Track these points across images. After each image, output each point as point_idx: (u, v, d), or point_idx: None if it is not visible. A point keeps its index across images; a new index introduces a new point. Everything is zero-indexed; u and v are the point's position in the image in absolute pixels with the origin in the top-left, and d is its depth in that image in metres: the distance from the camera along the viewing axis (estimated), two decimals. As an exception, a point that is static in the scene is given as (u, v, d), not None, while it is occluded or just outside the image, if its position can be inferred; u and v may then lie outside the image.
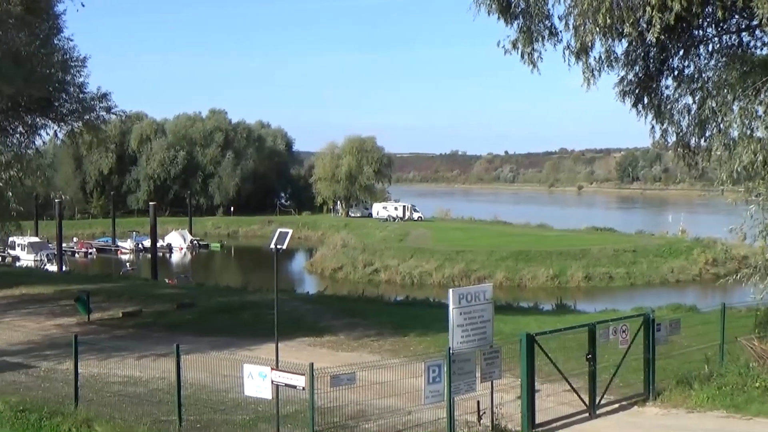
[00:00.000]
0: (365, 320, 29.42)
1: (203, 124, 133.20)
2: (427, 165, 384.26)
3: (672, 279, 68.12)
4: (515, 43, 20.10)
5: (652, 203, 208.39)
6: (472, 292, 15.13)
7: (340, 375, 13.54)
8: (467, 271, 67.54)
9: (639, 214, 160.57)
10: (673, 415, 17.04)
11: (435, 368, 14.36)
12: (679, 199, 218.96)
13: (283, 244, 14.43)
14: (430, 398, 14.42)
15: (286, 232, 14.51)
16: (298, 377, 13.51)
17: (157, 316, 30.47)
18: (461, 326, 14.79)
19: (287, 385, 13.76)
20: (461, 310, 14.77)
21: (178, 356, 15.83)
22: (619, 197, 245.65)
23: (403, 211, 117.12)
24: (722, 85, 18.48)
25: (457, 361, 14.63)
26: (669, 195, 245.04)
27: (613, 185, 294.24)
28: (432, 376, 14.27)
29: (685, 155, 20.95)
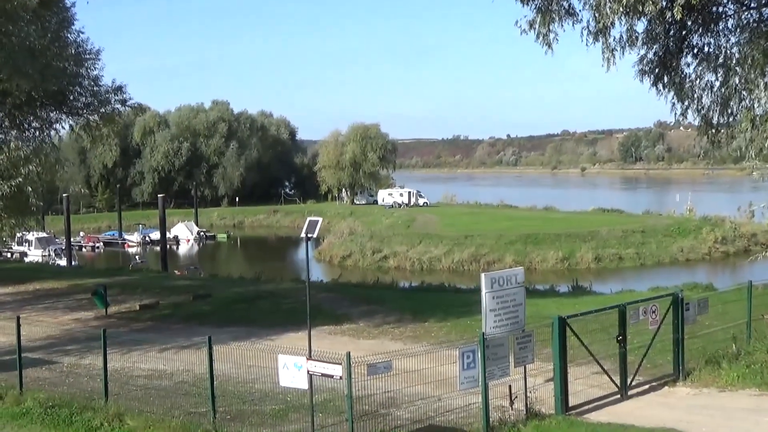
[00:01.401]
0: (383, 307, 29.35)
1: (206, 115, 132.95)
2: (429, 150, 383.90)
3: (682, 258, 67.87)
4: (532, 23, 19.92)
5: (657, 183, 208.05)
6: (504, 276, 15.01)
7: (377, 364, 13.44)
8: (476, 256, 67.34)
9: (644, 194, 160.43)
10: (705, 394, 16.94)
11: (469, 354, 14.24)
12: (683, 178, 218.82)
13: (314, 233, 14.32)
14: (465, 384, 14.31)
15: (316, 221, 14.39)
16: (335, 366, 13.40)
17: (174, 308, 30.42)
18: (494, 311, 14.67)
19: (323, 374, 13.66)
20: (494, 294, 14.66)
21: (210, 348, 15.77)
22: (622, 178, 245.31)
23: (408, 197, 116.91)
24: (746, 61, 18.28)
25: (491, 346, 14.52)
26: (673, 174, 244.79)
27: (616, 166, 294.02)
28: (466, 362, 14.16)
29: (708, 133, 20.76)
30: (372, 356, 14.74)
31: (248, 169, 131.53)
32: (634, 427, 14.34)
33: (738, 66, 19.37)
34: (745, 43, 19.42)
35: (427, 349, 16.39)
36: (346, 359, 13.29)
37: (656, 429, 14.02)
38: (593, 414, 15.75)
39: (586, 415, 15.69)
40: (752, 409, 15.34)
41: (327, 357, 14.48)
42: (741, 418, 14.72)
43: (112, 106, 23.44)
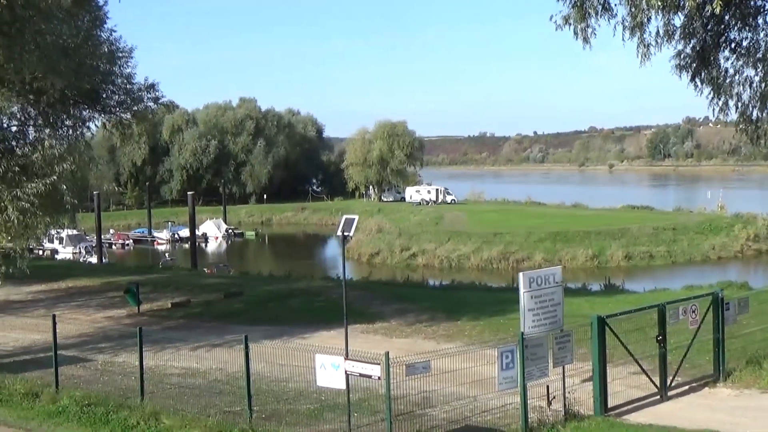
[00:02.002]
0: (414, 305, 29.22)
1: (234, 113, 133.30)
2: (455, 148, 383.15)
3: (713, 256, 67.11)
4: (567, 18, 19.72)
5: (686, 180, 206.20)
6: (542, 275, 14.82)
7: (416, 364, 13.30)
8: (505, 254, 66.96)
9: (673, 191, 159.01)
10: (747, 396, 16.65)
11: (508, 354, 14.07)
12: (712, 174, 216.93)
13: (350, 231, 14.15)
14: (504, 385, 14.15)
15: (352, 218, 14.24)
16: (374, 366, 13.28)
17: (206, 306, 30.47)
18: (532, 310, 14.49)
19: (362, 375, 13.54)
20: (532, 293, 14.47)
21: (246, 346, 15.68)
22: (651, 174, 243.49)
23: (436, 194, 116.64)
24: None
25: (530, 346, 14.34)
26: (702, 171, 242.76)
27: (645, 163, 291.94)
28: (505, 362, 14.00)
29: (748, 129, 20.41)
30: (407, 355, 14.61)
31: (276, 166, 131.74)
32: (676, 428, 14.11)
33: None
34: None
35: (463, 349, 16.18)
36: (384, 359, 13.16)
37: (700, 431, 13.76)
38: (632, 415, 15.53)
39: (625, 416, 15.47)
40: (798, 411, 15.05)
41: (364, 357, 14.36)
42: (786, 420, 14.44)
43: (145, 104, 23.48)
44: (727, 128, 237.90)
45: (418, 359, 13.68)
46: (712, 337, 17.66)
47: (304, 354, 16.47)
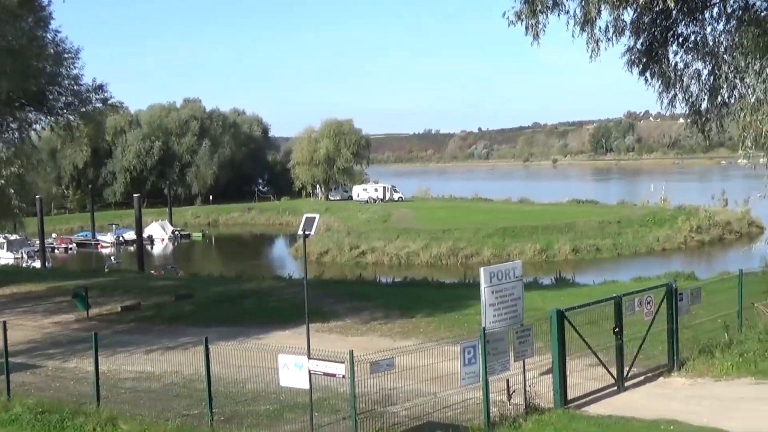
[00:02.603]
0: (368, 303, 29.20)
1: (178, 114, 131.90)
2: (400, 145, 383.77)
3: (658, 248, 68.30)
4: (519, 14, 19.89)
5: (628, 173, 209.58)
6: (502, 270, 14.87)
7: (380, 361, 13.23)
8: (455, 250, 67.31)
9: (616, 184, 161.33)
10: (701, 384, 16.91)
11: (470, 349, 14.08)
12: (653, 167, 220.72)
13: (312, 230, 14.02)
14: (467, 380, 14.16)
15: (313, 218, 14.11)
16: (338, 365, 13.18)
17: (157, 309, 30.01)
18: (493, 305, 14.53)
19: (326, 374, 13.43)
20: (492, 288, 14.51)
21: (207, 349, 15.50)
22: (594, 169, 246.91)
23: (383, 192, 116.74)
24: (737, 49, 18.28)
25: (491, 341, 14.37)
26: (643, 164, 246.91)
27: (587, 157, 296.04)
28: (467, 358, 14.00)
29: (697, 121, 20.78)
30: (364, 353, 14.54)
31: (221, 167, 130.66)
32: (636, 419, 14.25)
33: (727, 54, 19.41)
34: (734, 30, 19.47)
35: (424, 346, 16.14)
36: (349, 357, 13.07)
37: (659, 421, 13.92)
38: (592, 407, 15.66)
39: (584, 408, 15.59)
40: (750, 398, 15.31)
41: (324, 355, 14.25)
42: (740, 408, 14.68)
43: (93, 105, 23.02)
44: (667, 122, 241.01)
45: (382, 357, 13.59)
46: (666, 327, 17.89)
47: (262, 354, 16.31)
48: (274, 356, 15.56)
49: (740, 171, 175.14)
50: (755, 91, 17.31)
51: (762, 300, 20.87)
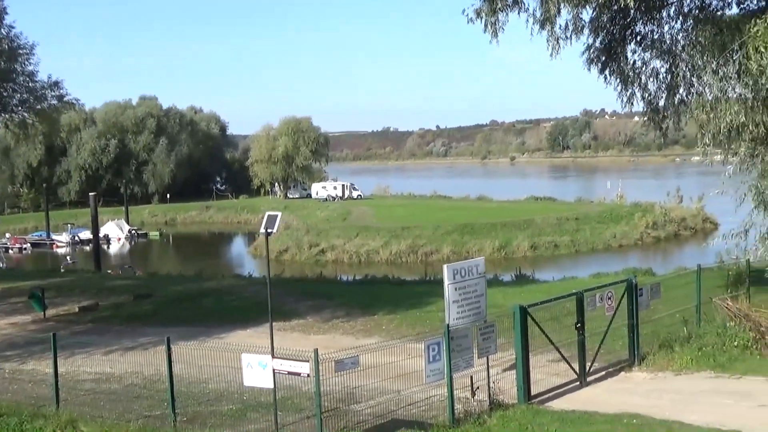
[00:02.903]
0: (329, 301, 29.12)
1: (134, 112, 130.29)
2: (359, 143, 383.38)
3: (615, 244, 68.99)
4: (479, 11, 19.99)
5: (584, 170, 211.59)
6: (465, 267, 14.90)
7: (345, 360, 13.16)
8: (414, 247, 67.40)
9: (573, 181, 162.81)
10: (661, 378, 17.11)
11: (434, 346, 14.08)
12: (609, 165, 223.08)
13: (274, 228, 13.91)
14: (432, 377, 14.16)
15: (275, 215, 14.01)
16: (303, 364, 13.09)
17: (115, 309, 29.60)
18: (456, 302, 14.55)
19: (290, 373, 13.33)
20: (456, 285, 14.52)
21: (169, 349, 15.23)
22: (551, 166, 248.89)
23: (342, 190, 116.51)
24: (694, 47, 18.52)
25: (455, 337, 14.38)
26: (599, 162, 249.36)
27: (544, 155, 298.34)
28: (432, 355, 14.00)
29: (654, 119, 21.02)
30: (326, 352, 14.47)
31: (179, 165, 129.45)
32: (598, 413, 14.37)
33: (684, 52, 19.65)
34: (691, 29, 19.73)
35: (388, 344, 16.13)
36: (314, 356, 12.99)
37: (621, 415, 14.05)
38: (555, 402, 15.77)
39: (548, 403, 15.69)
40: (711, 392, 15.53)
41: (290, 354, 14.14)
42: (701, 401, 14.87)
43: (49, 102, 22.60)
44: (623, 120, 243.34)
45: (346, 355, 13.53)
46: (627, 322, 18.08)
47: (224, 354, 16.15)
48: (236, 355, 15.43)
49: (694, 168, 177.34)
50: (712, 89, 17.53)
51: (718, 294, 21.16)
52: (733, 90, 17.18)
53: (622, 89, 21.31)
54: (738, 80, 17.12)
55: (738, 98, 16.69)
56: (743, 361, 17.45)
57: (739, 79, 16.55)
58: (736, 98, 16.83)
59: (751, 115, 16.65)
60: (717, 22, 18.54)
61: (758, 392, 15.08)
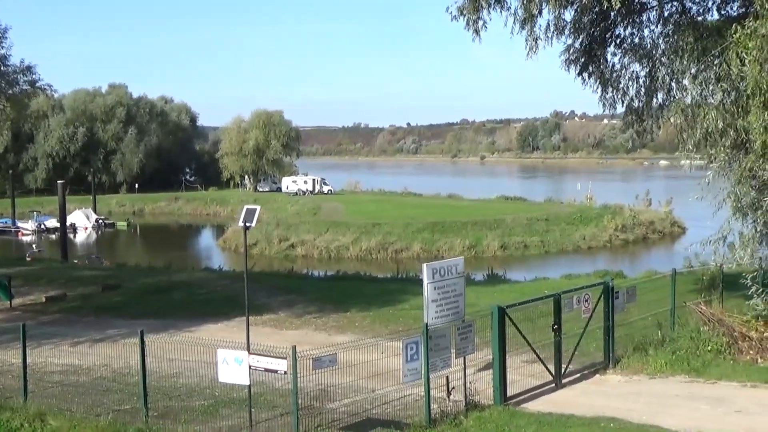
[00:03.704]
0: (302, 297, 28.91)
1: (103, 100, 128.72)
2: (329, 138, 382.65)
3: (584, 246, 69.26)
4: (462, 9, 19.91)
5: (554, 171, 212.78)
6: (445, 266, 14.78)
7: (323, 357, 12.98)
8: (384, 244, 67.23)
9: (543, 182, 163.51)
10: (636, 381, 17.12)
11: (413, 345, 13.94)
12: (578, 167, 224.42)
13: (252, 222, 13.68)
14: (409, 377, 14.02)
15: (254, 209, 13.76)
16: (280, 361, 12.89)
17: (83, 300, 29.17)
18: (435, 301, 14.42)
19: (267, 369, 13.12)
20: (435, 284, 14.39)
21: (142, 342, 14.97)
22: (520, 166, 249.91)
23: (312, 184, 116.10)
24: (675, 52, 18.54)
25: (434, 337, 14.26)
26: (568, 163, 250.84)
27: (514, 155, 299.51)
28: (410, 354, 13.86)
29: (634, 122, 21.04)
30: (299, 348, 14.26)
31: (148, 155, 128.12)
32: (575, 416, 14.32)
33: (664, 56, 19.67)
34: (671, 33, 19.74)
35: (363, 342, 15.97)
36: (291, 353, 12.79)
37: (599, 418, 14.02)
38: (531, 403, 15.71)
39: (523, 404, 15.64)
40: (686, 396, 15.55)
41: (263, 350, 13.93)
42: (677, 405, 14.88)
43: (21, 87, 22.12)
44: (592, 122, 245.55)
45: (324, 353, 13.35)
46: (603, 325, 18.08)
47: (195, 348, 15.91)
48: (207, 350, 15.24)
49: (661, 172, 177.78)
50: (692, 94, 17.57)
51: (690, 299, 21.23)
52: (711, 96, 17.21)
53: (601, 91, 21.29)
54: (717, 85, 17.16)
55: (718, 104, 16.70)
56: (717, 366, 17.49)
57: (719, 85, 16.58)
58: (716, 104, 16.85)
59: (730, 121, 16.66)
60: (698, 27, 18.57)
61: (734, 398, 15.13)
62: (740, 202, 16.68)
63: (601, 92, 21.39)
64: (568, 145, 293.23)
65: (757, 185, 16.14)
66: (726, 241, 17.59)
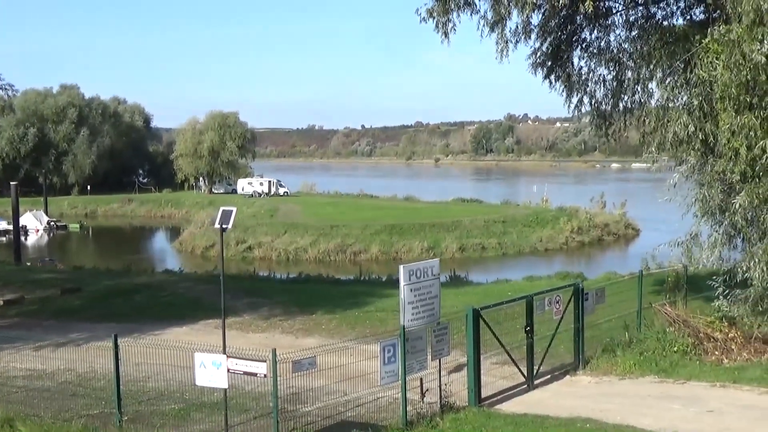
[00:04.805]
0: (266, 299, 28.78)
1: (55, 100, 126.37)
2: (284, 140, 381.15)
3: (541, 248, 69.68)
4: (431, 11, 19.94)
5: (507, 174, 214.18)
6: (421, 268, 14.73)
7: (302, 360, 12.88)
8: (343, 246, 67.01)
9: (498, 184, 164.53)
10: (607, 383, 17.26)
11: (390, 348, 13.90)
12: (531, 169, 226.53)
13: (229, 224, 13.52)
14: (386, 379, 13.98)
15: (230, 210, 13.61)
16: (260, 364, 12.74)
17: (42, 303, 28.70)
18: (411, 303, 14.38)
19: (246, 373, 12.97)
20: (411, 286, 14.35)
21: (116, 346, 14.76)
22: (474, 168, 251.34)
23: (269, 186, 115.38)
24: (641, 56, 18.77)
25: (410, 339, 14.24)
26: (522, 166, 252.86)
27: (468, 157, 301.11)
28: (387, 356, 13.82)
29: (601, 125, 21.24)
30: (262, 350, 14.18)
31: (100, 156, 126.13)
32: (551, 417, 14.39)
33: (631, 61, 19.90)
34: (637, 38, 19.99)
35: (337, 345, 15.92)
36: (272, 356, 12.67)
37: (575, 419, 14.10)
38: (504, 405, 15.76)
39: (497, 406, 15.68)
40: (658, 396, 15.70)
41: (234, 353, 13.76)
42: (651, 406, 15.02)
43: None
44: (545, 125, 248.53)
45: (302, 356, 13.26)
46: (573, 326, 18.22)
47: (161, 351, 15.74)
48: (174, 353, 15.10)
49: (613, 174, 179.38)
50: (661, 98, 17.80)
51: (653, 300, 21.49)
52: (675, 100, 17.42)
53: (567, 94, 21.46)
54: (685, 90, 17.39)
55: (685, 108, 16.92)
56: (684, 367, 17.70)
57: (688, 89, 16.81)
58: (682, 107, 17.06)
59: (699, 125, 16.89)
60: (664, 32, 18.81)
61: (705, 398, 15.32)
62: (708, 205, 16.90)
63: (567, 96, 21.54)
64: (521, 148, 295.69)
65: (726, 188, 16.36)
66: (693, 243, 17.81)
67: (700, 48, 16.13)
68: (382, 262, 63.29)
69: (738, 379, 16.33)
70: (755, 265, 15.91)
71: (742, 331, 18.94)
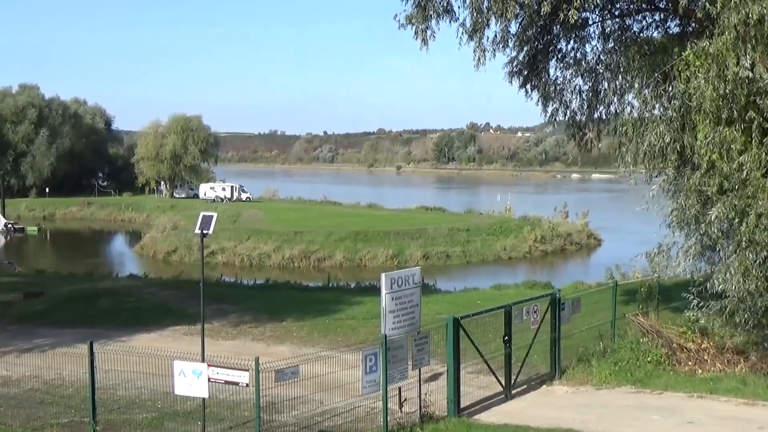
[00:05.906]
0: (235, 306, 28.42)
1: (14, 100, 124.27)
2: (245, 145, 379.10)
3: (505, 257, 69.92)
4: (410, 18, 19.84)
5: (469, 182, 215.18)
6: (402, 276, 14.61)
7: (285, 369, 12.66)
8: (307, 252, 66.68)
9: (460, 193, 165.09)
10: (583, 393, 17.25)
11: (372, 357, 13.73)
12: (493, 178, 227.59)
13: (209, 229, 13.28)
14: (368, 388, 13.82)
15: (210, 216, 13.38)
16: (242, 373, 12.50)
17: (4, 307, 28.01)
18: (393, 312, 14.23)
19: (227, 382, 12.72)
20: (393, 294, 14.21)
21: (92, 353, 14.43)
22: (436, 177, 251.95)
23: (231, 191, 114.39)
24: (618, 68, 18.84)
25: (392, 348, 14.08)
26: (483, 174, 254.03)
27: (430, 165, 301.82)
28: (369, 366, 13.65)
29: (575, 135, 21.29)
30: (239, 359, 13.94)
31: (59, 158, 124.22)
32: (531, 428, 14.33)
33: (608, 72, 19.97)
34: (613, 50, 20.07)
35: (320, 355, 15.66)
36: (254, 365, 12.44)
37: (555, 429, 14.06)
38: (483, 415, 15.67)
39: (476, 416, 15.59)
40: (637, 407, 15.71)
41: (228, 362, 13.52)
42: (630, 416, 15.02)
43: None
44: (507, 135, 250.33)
45: (285, 365, 13.04)
46: (550, 336, 18.19)
47: (130, 358, 15.46)
48: (145, 360, 14.83)
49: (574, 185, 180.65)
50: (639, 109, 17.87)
51: (625, 310, 21.56)
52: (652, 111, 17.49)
53: (543, 104, 21.47)
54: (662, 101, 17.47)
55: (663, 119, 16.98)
56: (659, 377, 17.77)
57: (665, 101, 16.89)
58: (660, 118, 17.13)
59: (675, 137, 16.96)
60: (643, 43, 18.90)
61: (684, 409, 15.35)
62: (684, 215, 16.96)
63: (543, 105, 21.56)
64: (483, 157, 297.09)
65: (702, 199, 16.43)
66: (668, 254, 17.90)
67: (680, 60, 16.19)
68: (346, 269, 63.08)
69: (714, 390, 16.40)
70: (731, 276, 15.97)
71: (714, 342, 19.10)
